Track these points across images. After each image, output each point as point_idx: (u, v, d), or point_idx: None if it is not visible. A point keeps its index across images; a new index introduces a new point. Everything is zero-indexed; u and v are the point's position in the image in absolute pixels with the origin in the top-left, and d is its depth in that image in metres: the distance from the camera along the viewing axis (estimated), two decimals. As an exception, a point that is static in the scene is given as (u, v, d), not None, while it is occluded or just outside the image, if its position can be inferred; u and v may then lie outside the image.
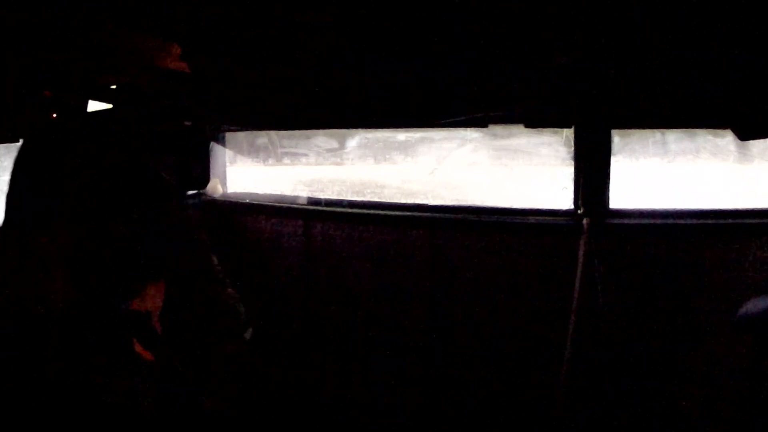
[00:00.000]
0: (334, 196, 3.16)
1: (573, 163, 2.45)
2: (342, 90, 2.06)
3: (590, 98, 2.16)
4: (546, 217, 2.51)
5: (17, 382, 2.02)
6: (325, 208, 2.78)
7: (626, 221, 2.39)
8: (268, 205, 2.82)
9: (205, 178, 1.62)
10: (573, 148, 2.44)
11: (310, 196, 2.86)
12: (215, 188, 2.68)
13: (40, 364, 2.04)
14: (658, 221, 2.39)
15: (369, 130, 2.60)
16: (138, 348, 1.64)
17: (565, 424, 2.37)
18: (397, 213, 2.69)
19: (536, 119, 2.34)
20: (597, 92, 2.08)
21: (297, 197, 2.90)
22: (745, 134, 2.13)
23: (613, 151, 2.36)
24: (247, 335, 1.79)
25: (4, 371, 2.02)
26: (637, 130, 2.54)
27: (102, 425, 1.65)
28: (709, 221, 2.37)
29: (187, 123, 1.54)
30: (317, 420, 1.69)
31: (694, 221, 2.37)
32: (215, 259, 1.76)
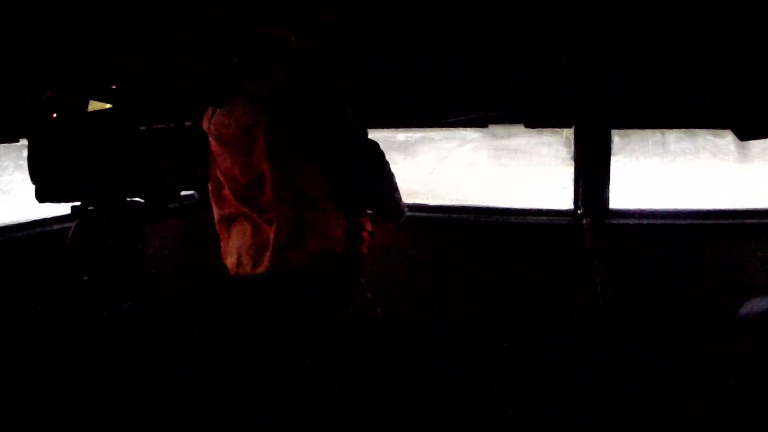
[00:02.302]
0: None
1: (573, 163, 2.45)
2: (342, 90, 2.06)
3: (590, 98, 2.16)
4: (546, 217, 2.51)
5: (17, 382, 2.02)
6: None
7: (626, 221, 2.39)
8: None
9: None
10: (573, 148, 2.44)
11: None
12: None
13: (40, 364, 2.04)
14: (658, 221, 2.39)
15: (369, 129, 2.60)
16: None
17: (566, 424, 2.37)
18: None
19: (536, 119, 2.34)
20: (597, 92, 2.08)
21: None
22: (745, 134, 2.13)
23: (613, 151, 2.36)
24: None
25: (5, 371, 2.02)
26: (637, 130, 2.54)
27: (102, 425, 1.65)
28: (709, 221, 2.36)
29: (187, 123, 1.54)
30: (317, 420, 1.69)
31: (694, 221, 2.37)
32: None
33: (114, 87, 1.55)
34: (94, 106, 1.49)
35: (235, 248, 1.99)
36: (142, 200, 1.53)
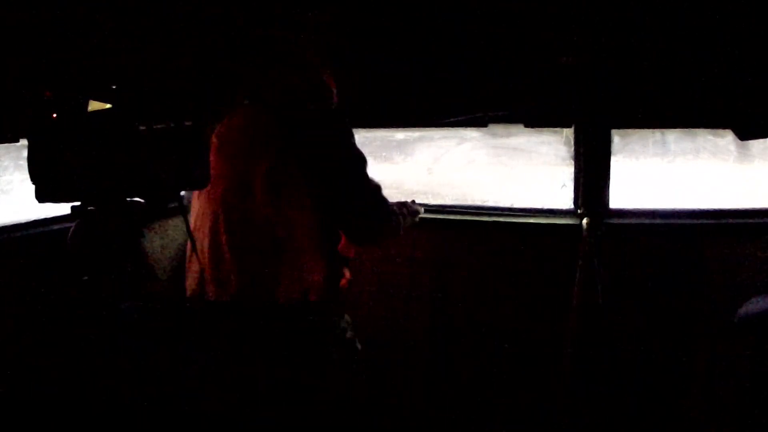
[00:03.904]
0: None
1: (573, 162, 2.45)
2: (342, 90, 2.06)
3: (590, 98, 2.16)
4: (546, 217, 2.52)
5: (17, 382, 2.02)
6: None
7: (626, 221, 2.39)
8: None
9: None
10: (573, 148, 2.45)
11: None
12: None
13: (40, 364, 2.04)
14: (658, 221, 2.39)
15: (368, 129, 2.60)
16: None
17: (565, 424, 2.37)
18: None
19: (536, 119, 2.34)
20: (597, 92, 2.09)
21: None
22: (745, 134, 2.13)
23: (613, 151, 2.36)
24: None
25: (5, 371, 2.02)
26: (637, 130, 2.54)
27: (102, 425, 1.65)
28: (709, 221, 2.37)
29: (187, 123, 1.54)
30: (316, 420, 1.69)
31: (694, 221, 2.37)
32: None
33: (114, 87, 1.55)
34: (94, 106, 1.49)
35: (195, 271, 1.79)
36: (142, 200, 1.53)
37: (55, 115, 1.45)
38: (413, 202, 2.12)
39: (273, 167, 1.70)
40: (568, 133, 2.52)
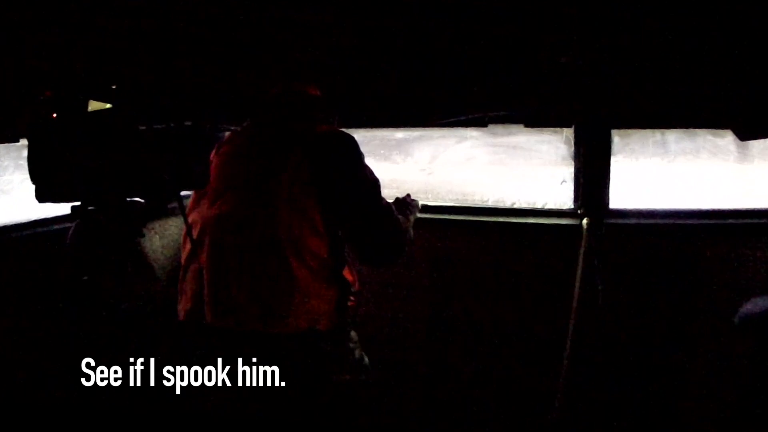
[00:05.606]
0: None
1: (573, 162, 2.45)
2: (342, 90, 2.06)
3: (590, 98, 2.16)
4: (546, 217, 2.52)
5: (17, 382, 2.02)
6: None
7: (626, 221, 2.39)
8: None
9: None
10: (573, 148, 2.45)
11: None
12: None
13: (40, 364, 2.04)
14: (658, 221, 2.39)
15: (368, 129, 2.60)
16: None
17: (565, 424, 2.37)
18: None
19: (536, 119, 2.34)
20: (597, 92, 2.09)
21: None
22: (745, 134, 2.13)
23: (613, 151, 2.36)
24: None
25: (5, 371, 2.02)
26: (637, 130, 2.54)
27: (102, 425, 1.65)
28: (709, 221, 2.37)
29: (187, 123, 1.54)
30: (316, 420, 1.69)
31: (694, 221, 2.37)
32: None
33: (114, 87, 1.55)
34: (94, 106, 1.49)
35: (190, 293, 1.69)
36: (141, 200, 1.53)
37: (55, 115, 1.45)
38: (408, 196, 2.10)
39: (294, 183, 1.62)
40: (568, 132, 2.52)
